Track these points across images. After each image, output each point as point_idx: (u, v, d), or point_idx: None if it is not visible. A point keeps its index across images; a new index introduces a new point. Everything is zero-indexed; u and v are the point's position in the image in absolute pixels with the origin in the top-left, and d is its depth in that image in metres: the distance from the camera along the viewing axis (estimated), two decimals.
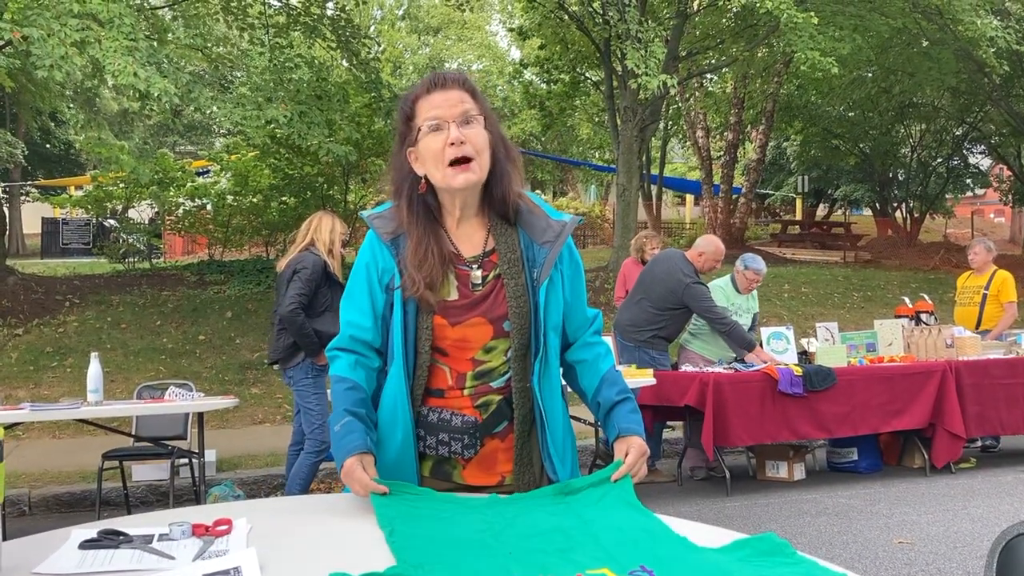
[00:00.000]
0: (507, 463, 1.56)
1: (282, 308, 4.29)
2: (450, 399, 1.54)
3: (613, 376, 1.61)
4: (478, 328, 1.52)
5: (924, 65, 13.80)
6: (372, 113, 11.10)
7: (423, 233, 1.52)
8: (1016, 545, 1.13)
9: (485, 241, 1.56)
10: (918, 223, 21.16)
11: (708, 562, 1.13)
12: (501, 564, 1.11)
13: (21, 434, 6.82)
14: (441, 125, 1.47)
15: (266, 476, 5.59)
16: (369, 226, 1.57)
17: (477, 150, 1.48)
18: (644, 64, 9.24)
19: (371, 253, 1.57)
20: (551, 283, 1.54)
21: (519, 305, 1.52)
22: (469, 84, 1.53)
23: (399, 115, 1.56)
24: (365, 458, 1.42)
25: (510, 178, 1.54)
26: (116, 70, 6.91)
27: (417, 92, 1.53)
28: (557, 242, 1.54)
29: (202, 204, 13.45)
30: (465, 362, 1.53)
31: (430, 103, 1.50)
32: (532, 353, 1.55)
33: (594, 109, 18.67)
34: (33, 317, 9.61)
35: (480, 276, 1.53)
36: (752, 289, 5.68)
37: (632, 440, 1.51)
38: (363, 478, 1.39)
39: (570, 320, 1.62)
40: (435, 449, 1.54)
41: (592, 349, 1.64)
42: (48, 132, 23.65)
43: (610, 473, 1.45)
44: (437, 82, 1.51)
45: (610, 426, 1.56)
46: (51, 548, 1.21)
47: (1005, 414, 5.67)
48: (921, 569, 3.62)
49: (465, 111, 1.48)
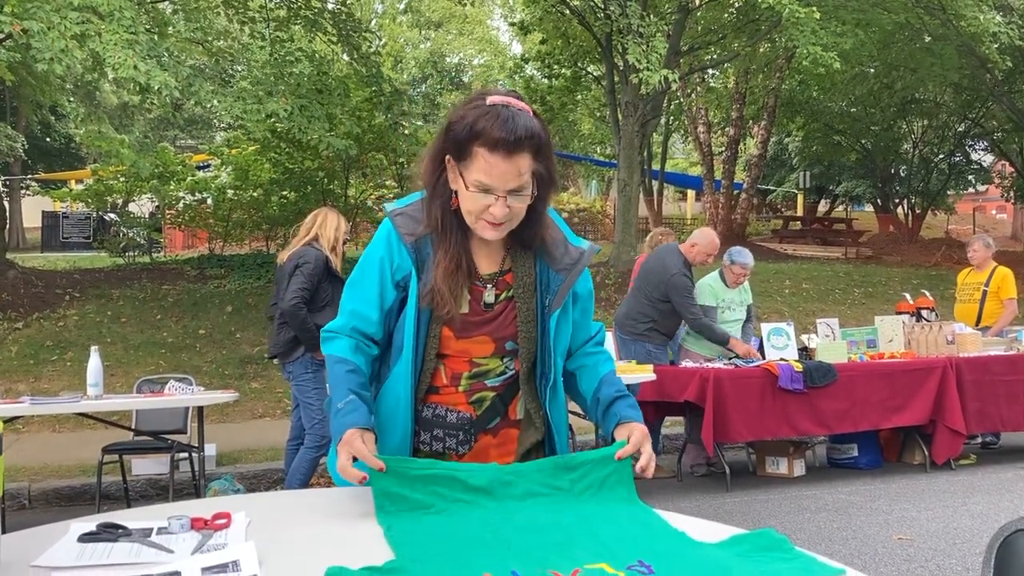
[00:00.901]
0: (499, 457, 1.57)
1: (284, 302, 4.28)
2: (445, 395, 1.55)
3: (612, 378, 1.60)
4: (482, 344, 1.53)
5: (926, 61, 13.76)
6: (373, 107, 11.09)
7: (456, 251, 1.48)
8: (1015, 541, 1.13)
9: (502, 260, 1.54)
10: (919, 219, 21.15)
11: (706, 557, 1.13)
12: (499, 559, 1.11)
13: (21, 428, 6.82)
14: (490, 191, 1.41)
15: (266, 471, 5.60)
16: (391, 221, 1.52)
17: (514, 217, 1.44)
18: (645, 59, 9.22)
19: (387, 248, 1.52)
20: (563, 311, 1.54)
21: (528, 330, 1.53)
22: (538, 141, 1.40)
23: (457, 123, 1.42)
24: (366, 434, 1.39)
25: (541, 228, 1.51)
26: (116, 63, 6.90)
27: (485, 130, 1.37)
28: (573, 271, 1.53)
29: (202, 198, 13.44)
30: (463, 364, 1.55)
31: (489, 164, 1.38)
32: (538, 377, 1.56)
33: (595, 104, 18.65)
34: (33, 311, 9.61)
35: (493, 295, 1.53)
36: (740, 283, 5.67)
37: (634, 425, 1.48)
38: (361, 448, 1.35)
39: (575, 339, 1.62)
40: (429, 445, 1.54)
41: (592, 357, 1.63)
42: (48, 126, 23.63)
43: (613, 451, 1.42)
44: (509, 141, 1.36)
45: (610, 416, 1.54)
46: (50, 541, 1.21)
47: (1005, 410, 5.67)
48: (920, 565, 3.62)
49: (520, 185, 1.40)
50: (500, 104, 1.40)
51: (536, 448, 1.61)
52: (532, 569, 1.07)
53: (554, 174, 1.48)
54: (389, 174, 12.80)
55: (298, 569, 1.08)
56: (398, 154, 11.76)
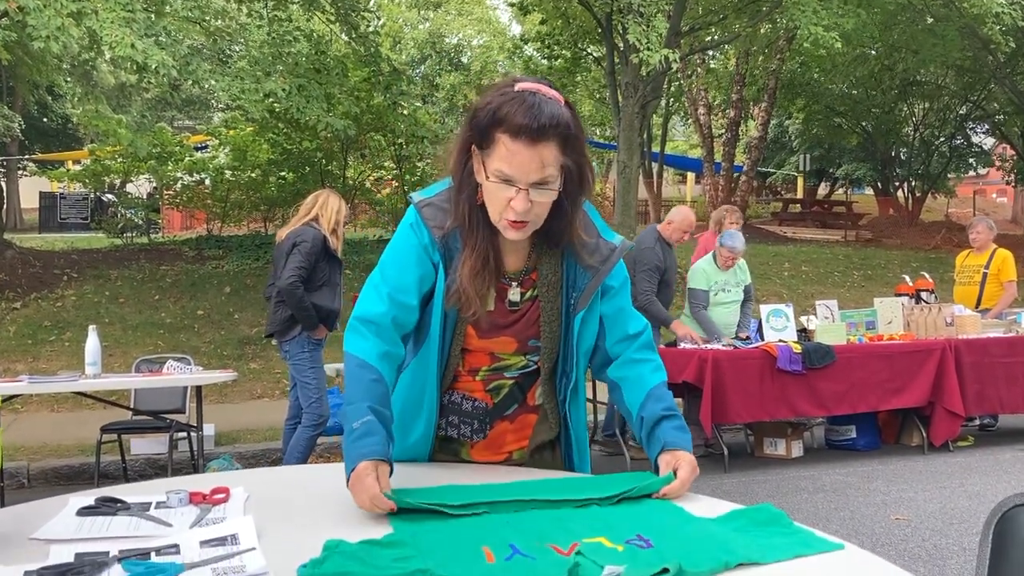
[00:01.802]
0: (515, 442, 1.55)
1: (281, 281, 4.27)
2: (463, 382, 1.52)
3: (660, 392, 1.48)
4: (504, 344, 1.49)
5: (928, 42, 13.68)
6: (371, 87, 11.01)
7: (484, 247, 1.40)
8: (1013, 516, 1.12)
9: (528, 257, 1.47)
10: (920, 202, 21.12)
11: (705, 531, 1.12)
12: (498, 533, 1.11)
13: (20, 407, 6.83)
14: (512, 183, 1.31)
15: (264, 450, 5.61)
16: (418, 212, 1.43)
17: (538, 215, 1.35)
18: (646, 38, 9.15)
19: (417, 237, 1.43)
20: (589, 310, 1.46)
21: (551, 330, 1.47)
22: (565, 130, 1.30)
23: (481, 109, 1.33)
24: (381, 467, 1.25)
25: (570, 227, 1.41)
26: (113, 41, 6.84)
27: (508, 116, 1.29)
28: (602, 270, 1.44)
29: (200, 179, 13.39)
30: (484, 358, 1.51)
31: (511, 152, 1.29)
32: (559, 376, 1.52)
33: (595, 85, 18.55)
34: (31, 291, 9.60)
35: (519, 294, 1.46)
36: (731, 265, 5.66)
37: (681, 455, 1.36)
38: (373, 487, 1.20)
39: (611, 334, 1.51)
40: (444, 430, 1.52)
41: (637, 367, 1.51)
42: (45, 106, 23.49)
43: (656, 487, 1.31)
44: (532, 128, 1.27)
45: (654, 440, 1.42)
46: (49, 515, 1.20)
47: (1005, 392, 5.68)
48: (917, 544, 3.64)
49: (544, 177, 1.31)
50: (528, 91, 1.31)
51: (549, 445, 1.58)
52: (531, 543, 1.07)
53: (586, 171, 1.37)
54: (387, 155, 12.74)
55: (297, 543, 1.08)
56: (397, 135, 11.70)
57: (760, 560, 1.03)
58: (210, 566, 1.00)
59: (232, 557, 1.02)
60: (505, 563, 1.01)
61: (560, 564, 0.99)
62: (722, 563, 1.00)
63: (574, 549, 1.04)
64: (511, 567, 1.00)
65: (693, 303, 5.63)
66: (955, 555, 3.49)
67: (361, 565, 0.98)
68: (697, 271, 5.66)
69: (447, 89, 27.18)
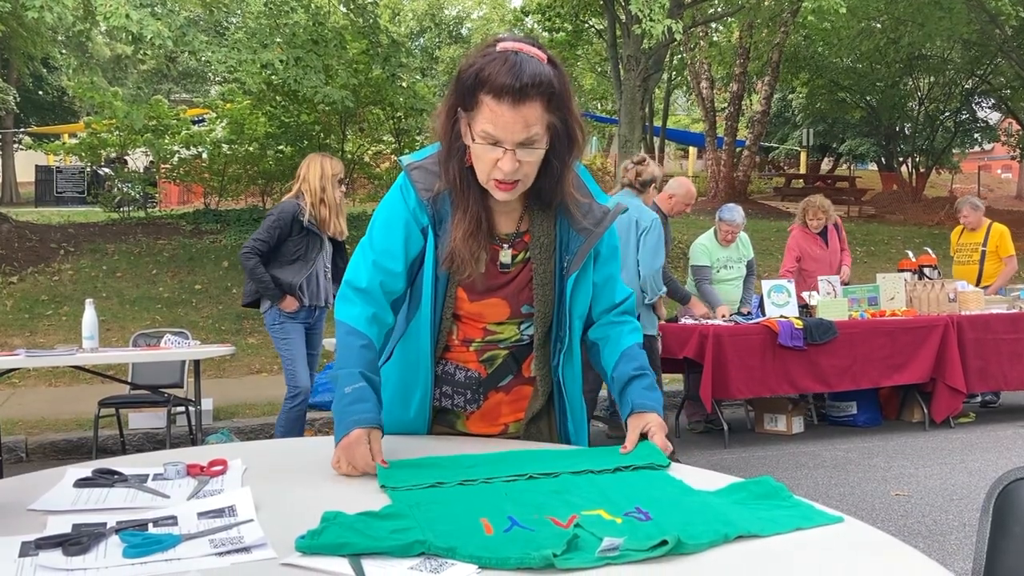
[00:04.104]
0: (511, 414, 1.54)
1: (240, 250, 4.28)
2: (456, 352, 1.51)
3: (633, 352, 1.50)
4: (496, 307, 1.48)
5: (935, 15, 13.52)
6: (370, 60, 10.90)
7: (476, 209, 1.40)
8: (1014, 490, 1.11)
9: (520, 219, 1.46)
10: (923, 178, 21.02)
11: (704, 504, 1.12)
12: (496, 505, 1.10)
13: (17, 382, 6.83)
14: (498, 143, 1.31)
15: (263, 425, 5.62)
16: (407, 175, 1.44)
17: (526, 175, 1.35)
18: (648, 9, 9.03)
19: (403, 201, 1.44)
20: (582, 272, 1.46)
21: (544, 293, 1.46)
22: (549, 89, 1.30)
23: (465, 71, 1.33)
24: (373, 433, 1.29)
25: (560, 186, 1.41)
26: (108, 12, 6.75)
27: (490, 76, 1.28)
28: (595, 233, 1.44)
29: (197, 153, 13.29)
30: (477, 330, 1.50)
31: (495, 113, 1.29)
32: (553, 340, 1.51)
33: (597, 59, 18.39)
34: (28, 265, 9.57)
35: (510, 256, 1.46)
36: (731, 240, 5.63)
37: (650, 417, 1.40)
38: (365, 455, 1.25)
39: (597, 302, 1.53)
40: (439, 400, 1.52)
41: (616, 327, 1.54)
42: (40, 79, 23.31)
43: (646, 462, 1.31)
44: (514, 88, 1.27)
45: (624, 402, 1.45)
46: (46, 486, 1.20)
47: (1007, 369, 5.67)
48: (917, 520, 3.65)
49: (529, 137, 1.31)
50: (511, 50, 1.30)
51: (545, 416, 1.57)
52: (529, 515, 1.06)
53: (574, 128, 1.37)
54: (386, 129, 12.65)
55: (294, 514, 1.07)
56: (395, 108, 11.60)
57: (759, 532, 1.02)
58: (207, 537, 0.99)
59: (230, 528, 1.02)
60: (504, 535, 1.00)
61: (559, 536, 0.98)
62: (721, 535, 1.00)
63: (573, 521, 1.04)
64: (510, 539, 0.99)
65: (698, 278, 5.62)
66: (955, 531, 3.50)
67: (359, 536, 0.97)
68: (698, 248, 5.65)
69: (446, 62, 26.94)
